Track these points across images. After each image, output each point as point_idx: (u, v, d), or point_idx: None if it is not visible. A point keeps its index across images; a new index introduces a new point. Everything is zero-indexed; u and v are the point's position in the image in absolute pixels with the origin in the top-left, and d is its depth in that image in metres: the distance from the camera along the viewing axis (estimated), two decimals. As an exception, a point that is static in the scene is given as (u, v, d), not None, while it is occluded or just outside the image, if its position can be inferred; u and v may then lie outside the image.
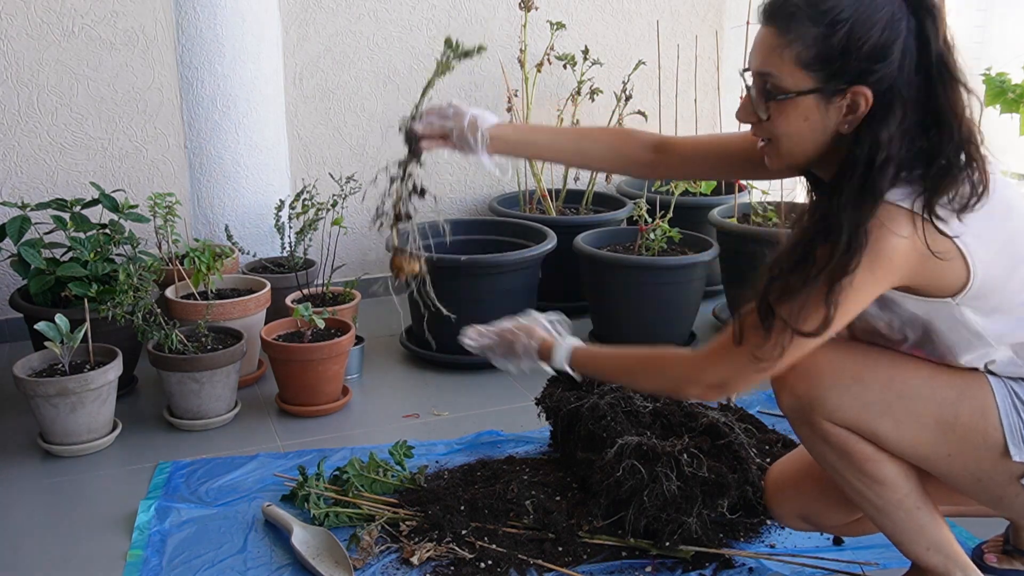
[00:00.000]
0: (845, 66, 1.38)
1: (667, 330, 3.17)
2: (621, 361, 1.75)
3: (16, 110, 3.27)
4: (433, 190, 1.97)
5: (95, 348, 2.59)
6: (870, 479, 1.61)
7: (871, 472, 1.60)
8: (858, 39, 1.36)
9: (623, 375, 1.78)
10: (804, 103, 1.42)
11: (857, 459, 1.60)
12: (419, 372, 3.11)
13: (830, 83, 1.40)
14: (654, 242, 3.19)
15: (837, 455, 1.61)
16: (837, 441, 1.59)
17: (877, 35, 1.36)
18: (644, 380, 1.74)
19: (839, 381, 1.56)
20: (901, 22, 1.37)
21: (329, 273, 3.19)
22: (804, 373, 1.56)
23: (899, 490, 1.61)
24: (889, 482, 1.61)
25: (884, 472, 1.60)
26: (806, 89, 1.41)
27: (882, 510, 1.65)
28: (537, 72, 3.74)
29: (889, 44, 1.36)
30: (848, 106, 1.41)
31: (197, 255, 2.88)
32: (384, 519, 2.09)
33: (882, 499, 1.63)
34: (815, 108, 1.42)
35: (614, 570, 1.97)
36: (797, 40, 1.40)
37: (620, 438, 2.09)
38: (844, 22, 1.36)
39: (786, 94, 1.43)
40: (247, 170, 3.27)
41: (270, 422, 2.74)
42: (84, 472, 2.45)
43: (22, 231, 2.81)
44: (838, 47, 1.38)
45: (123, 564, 2.03)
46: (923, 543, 1.67)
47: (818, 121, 1.43)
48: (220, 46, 3.14)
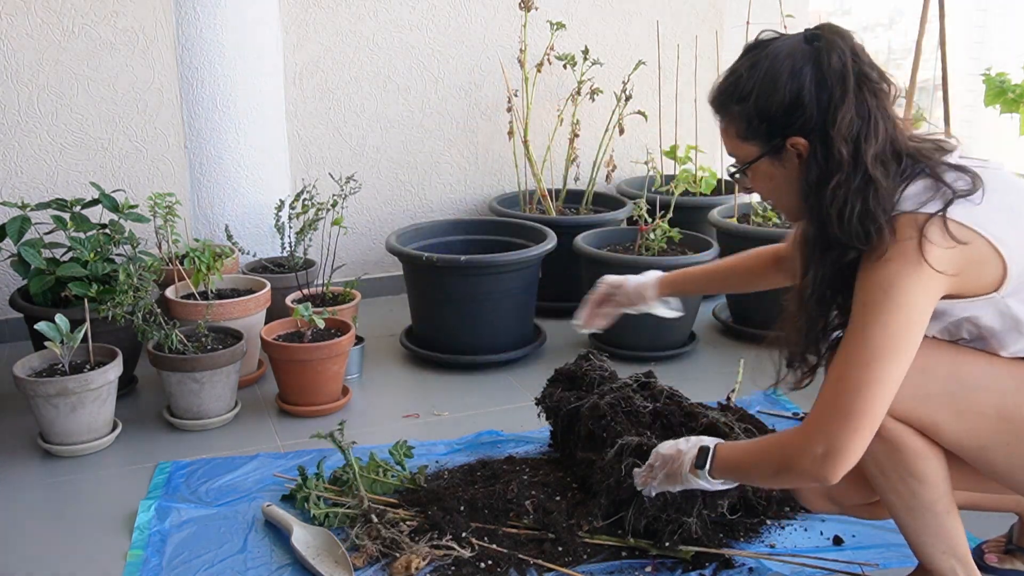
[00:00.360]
0: (771, 126, 1.55)
1: (667, 330, 3.17)
2: (749, 458, 1.70)
3: (16, 110, 3.28)
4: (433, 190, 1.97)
5: (95, 348, 2.59)
6: (912, 477, 1.61)
7: (917, 470, 1.60)
8: (768, 101, 1.53)
9: (750, 474, 1.73)
10: (761, 167, 1.60)
11: (907, 455, 1.59)
12: (419, 372, 3.11)
13: (769, 143, 1.57)
14: (654, 242, 3.19)
15: (886, 451, 1.60)
16: (891, 435, 1.58)
17: (783, 91, 1.51)
18: (769, 479, 1.74)
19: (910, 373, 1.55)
20: (803, 68, 1.51)
21: (329, 273, 3.19)
22: None
23: (936, 490, 1.62)
24: (930, 481, 1.61)
25: (929, 470, 1.60)
26: (755, 156, 1.60)
27: (913, 510, 1.65)
28: (537, 72, 3.74)
29: (797, 93, 1.51)
30: (796, 156, 1.55)
31: (197, 255, 2.88)
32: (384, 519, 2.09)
33: (916, 499, 1.63)
34: (772, 168, 1.59)
35: (614, 570, 1.98)
36: (731, 122, 1.61)
37: (620, 438, 2.09)
38: (751, 93, 1.54)
39: (744, 165, 1.63)
40: (247, 170, 3.27)
41: (270, 422, 2.74)
42: (84, 472, 2.45)
43: (22, 231, 2.81)
44: (756, 114, 1.55)
45: (123, 564, 2.03)
46: (941, 546, 1.67)
47: (782, 177, 1.59)
48: (220, 46, 3.14)
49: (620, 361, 3.04)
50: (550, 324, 3.40)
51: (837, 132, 1.49)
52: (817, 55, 1.51)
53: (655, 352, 3.15)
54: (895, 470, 1.62)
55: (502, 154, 3.93)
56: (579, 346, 3.22)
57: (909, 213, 1.48)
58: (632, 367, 3.00)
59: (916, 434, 1.59)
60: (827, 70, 1.49)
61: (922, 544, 1.69)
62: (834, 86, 1.49)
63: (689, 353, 3.22)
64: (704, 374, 3.06)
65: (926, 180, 1.51)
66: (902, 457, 1.60)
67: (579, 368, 2.48)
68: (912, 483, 1.62)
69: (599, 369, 2.47)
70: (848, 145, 1.49)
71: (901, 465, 1.61)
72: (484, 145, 3.95)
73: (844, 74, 1.49)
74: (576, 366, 2.49)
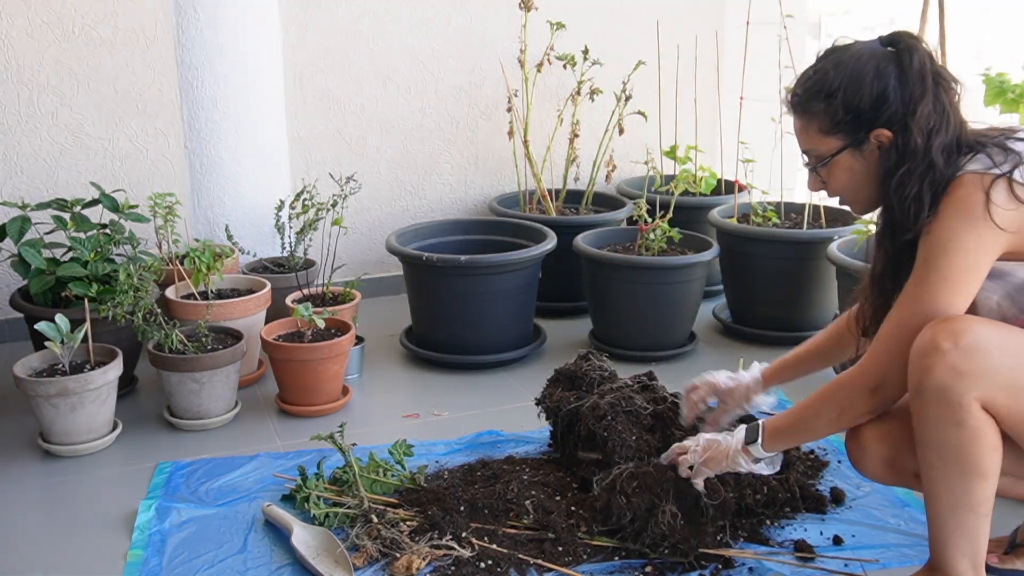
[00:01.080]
0: (857, 121, 1.69)
1: (667, 330, 3.18)
2: (801, 411, 1.81)
3: (16, 110, 3.28)
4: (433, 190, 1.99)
5: (95, 348, 2.59)
6: (975, 473, 1.60)
7: (983, 465, 1.60)
8: (855, 98, 1.68)
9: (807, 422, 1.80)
10: (842, 160, 1.73)
11: (981, 449, 1.58)
12: (419, 372, 3.11)
13: (853, 137, 1.71)
14: (654, 242, 3.19)
15: (963, 441, 1.59)
16: (974, 426, 1.58)
17: (869, 88, 1.67)
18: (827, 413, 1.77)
19: (1005, 361, 1.57)
20: (887, 67, 1.67)
21: (329, 273, 3.19)
22: (969, 350, 1.55)
23: (989, 490, 1.62)
24: (990, 479, 1.61)
25: (994, 468, 1.61)
26: (837, 150, 1.73)
27: (957, 508, 1.64)
28: (537, 72, 3.74)
29: (883, 90, 1.66)
30: (878, 147, 1.69)
31: (197, 255, 2.88)
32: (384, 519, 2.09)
33: (967, 496, 1.62)
34: (853, 160, 1.73)
35: (614, 570, 1.97)
36: (813, 118, 1.73)
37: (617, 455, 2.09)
38: (838, 90, 1.69)
39: (825, 159, 1.75)
40: (247, 170, 3.27)
41: (270, 422, 2.74)
42: (84, 472, 2.45)
43: (22, 231, 2.81)
44: (843, 110, 1.69)
45: (123, 564, 2.03)
46: (966, 549, 1.66)
47: (861, 169, 1.73)
48: (220, 46, 3.14)
49: (620, 361, 3.04)
50: (550, 324, 3.40)
51: (916, 124, 1.64)
52: (899, 56, 1.67)
53: (655, 352, 3.15)
54: (959, 463, 1.60)
55: (502, 154, 3.93)
56: (579, 346, 3.22)
57: (975, 172, 1.61)
58: (632, 367, 3.00)
59: (996, 428, 1.59)
60: (908, 69, 1.65)
61: (946, 543, 1.67)
62: (915, 84, 1.65)
63: (689, 353, 3.22)
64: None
65: (995, 149, 1.63)
66: (976, 450, 1.59)
67: (579, 368, 2.47)
68: (971, 479, 1.61)
69: (599, 369, 2.47)
70: (923, 136, 1.64)
71: (969, 459, 1.60)
72: (484, 145, 3.95)
73: (924, 73, 1.65)
74: (576, 366, 2.49)
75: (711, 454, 1.91)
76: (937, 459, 1.63)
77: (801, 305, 3.28)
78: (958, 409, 1.57)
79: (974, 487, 1.61)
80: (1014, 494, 1.81)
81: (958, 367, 1.56)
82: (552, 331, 3.34)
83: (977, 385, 1.56)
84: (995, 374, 1.56)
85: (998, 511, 1.70)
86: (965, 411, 1.57)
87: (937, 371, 1.57)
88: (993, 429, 1.59)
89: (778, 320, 3.29)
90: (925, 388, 1.60)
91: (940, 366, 1.57)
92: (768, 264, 3.27)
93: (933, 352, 1.57)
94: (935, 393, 1.58)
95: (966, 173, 1.62)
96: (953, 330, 1.57)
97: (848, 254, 2.97)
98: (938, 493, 1.65)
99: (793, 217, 3.50)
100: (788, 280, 3.25)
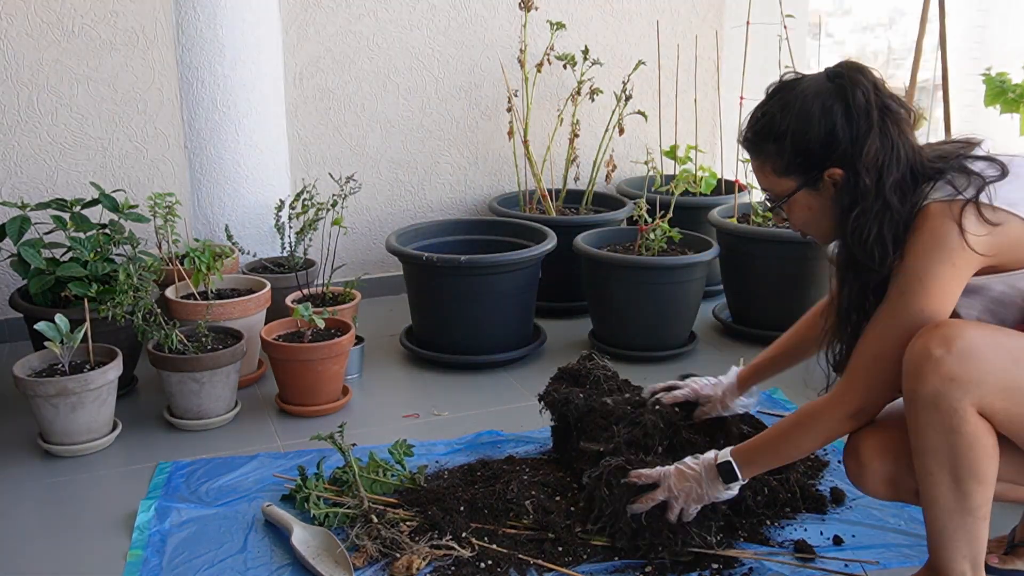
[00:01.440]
0: (808, 161, 1.68)
1: (667, 330, 3.18)
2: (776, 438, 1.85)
3: (16, 110, 3.28)
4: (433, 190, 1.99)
5: (95, 348, 2.59)
6: (973, 478, 1.59)
7: (981, 470, 1.59)
8: (803, 139, 1.67)
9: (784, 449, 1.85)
10: (800, 199, 1.74)
11: (978, 454, 1.58)
12: (419, 372, 3.11)
13: (806, 177, 1.70)
14: (654, 242, 3.19)
15: (959, 447, 1.58)
16: (969, 432, 1.57)
17: (817, 129, 1.65)
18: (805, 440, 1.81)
19: (999, 364, 1.56)
20: (833, 106, 1.65)
21: (329, 273, 3.19)
22: (963, 355, 1.55)
23: (987, 494, 1.61)
24: (987, 484, 1.60)
25: (991, 472, 1.60)
26: (792, 190, 1.73)
27: (955, 512, 1.63)
28: (537, 72, 3.74)
29: (831, 129, 1.65)
30: (833, 185, 1.68)
31: (197, 255, 2.88)
32: (384, 519, 2.09)
33: (966, 500, 1.61)
34: (810, 198, 1.73)
35: (614, 570, 1.97)
36: (766, 159, 1.74)
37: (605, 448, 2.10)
38: (786, 131, 1.68)
39: (782, 199, 1.75)
40: (247, 170, 3.27)
41: (270, 422, 2.74)
42: (84, 472, 2.45)
43: (22, 231, 2.81)
44: (793, 151, 1.68)
45: (123, 564, 2.03)
46: (966, 551, 1.66)
47: (819, 206, 1.73)
48: (220, 46, 3.14)
49: (620, 361, 3.04)
50: (550, 324, 3.40)
51: (863, 164, 1.63)
52: (843, 92, 1.65)
53: (655, 352, 3.15)
54: (956, 469, 1.60)
55: (502, 154, 3.93)
56: (579, 346, 3.22)
57: (942, 201, 1.60)
58: (632, 367, 3.01)
59: (992, 432, 1.59)
60: (853, 105, 1.64)
61: (945, 547, 1.67)
62: (860, 120, 1.63)
63: (689, 353, 3.22)
64: (704, 374, 3.04)
65: (956, 175, 1.62)
66: (973, 456, 1.58)
67: (582, 367, 2.48)
68: (968, 484, 1.60)
69: (602, 368, 2.48)
70: (873, 174, 1.63)
71: (966, 464, 1.59)
72: (484, 145, 3.95)
73: (868, 109, 1.63)
74: (580, 365, 2.49)
75: (687, 495, 1.92)
76: (934, 465, 1.62)
77: (801, 305, 3.25)
78: (953, 415, 1.57)
79: (972, 492, 1.61)
80: (1013, 499, 1.81)
81: (952, 373, 1.55)
82: (552, 331, 3.34)
83: (972, 391, 1.55)
84: (989, 377, 1.55)
85: (997, 511, 1.70)
86: (961, 417, 1.56)
87: (931, 379, 1.56)
88: (989, 434, 1.58)
89: (778, 320, 3.26)
90: (919, 396, 1.59)
91: (934, 374, 1.56)
92: (768, 264, 3.27)
93: (926, 360, 1.56)
94: (930, 401, 1.57)
95: (932, 203, 1.61)
96: (945, 336, 1.56)
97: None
98: (936, 498, 1.65)
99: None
100: (788, 280, 3.25)
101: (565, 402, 2.34)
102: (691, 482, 1.91)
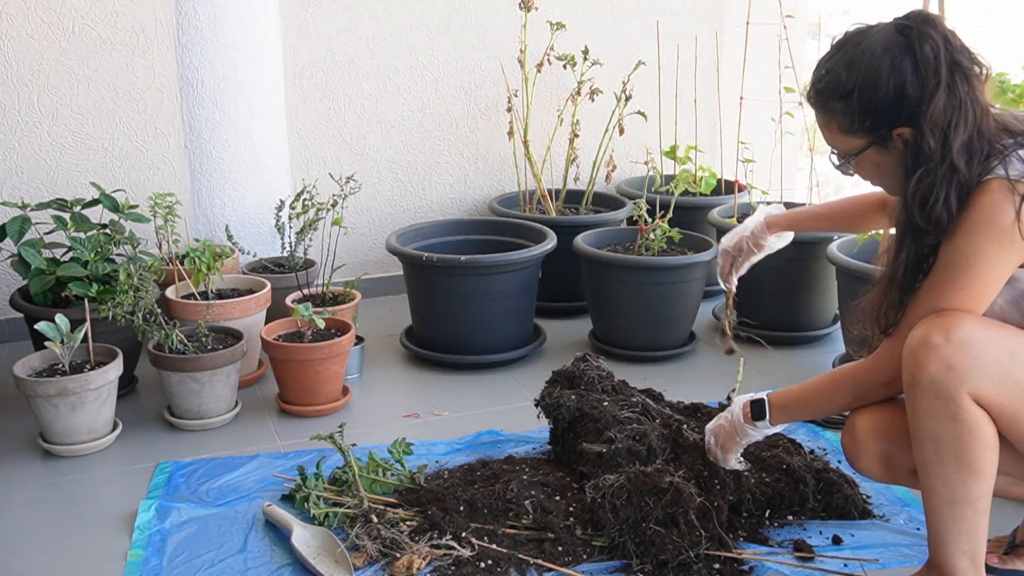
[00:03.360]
0: (877, 119, 1.62)
1: (667, 330, 3.17)
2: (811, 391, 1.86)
3: (16, 110, 3.28)
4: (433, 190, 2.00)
5: (95, 348, 2.59)
6: (970, 468, 1.60)
7: (978, 460, 1.59)
8: (872, 98, 1.60)
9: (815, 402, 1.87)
10: (868, 157, 1.69)
11: (976, 443, 1.58)
12: (419, 372, 3.12)
13: (875, 135, 1.64)
14: (654, 242, 3.19)
15: (956, 436, 1.59)
16: (968, 419, 1.57)
17: (886, 85, 1.59)
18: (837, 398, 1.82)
19: (995, 357, 1.57)
20: (903, 61, 1.58)
21: (329, 273, 3.19)
22: (961, 345, 1.56)
23: (985, 486, 1.61)
24: (985, 476, 1.60)
25: (989, 464, 1.60)
26: (860, 148, 1.68)
27: (954, 503, 1.63)
28: (537, 72, 3.74)
29: (900, 87, 1.58)
30: (903, 143, 1.63)
31: (197, 255, 2.88)
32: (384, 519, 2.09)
33: (964, 491, 1.62)
34: (879, 156, 1.67)
35: (614, 570, 1.98)
36: (832, 116, 1.68)
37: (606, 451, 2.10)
38: (853, 90, 1.62)
39: (850, 156, 1.70)
40: (247, 170, 3.27)
41: (270, 422, 2.74)
42: (84, 472, 2.45)
43: (22, 231, 2.81)
44: (861, 108, 1.62)
45: (123, 564, 2.03)
46: (965, 545, 1.66)
47: (888, 163, 1.68)
48: (220, 46, 3.14)
49: (620, 361, 3.05)
50: (550, 324, 3.40)
51: (928, 123, 1.57)
52: (911, 45, 1.58)
53: (655, 352, 3.15)
54: (955, 457, 1.60)
55: (502, 154, 3.93)
56: (579, 346, 3.22)
57: (1003, 179, 1.55)
58: (632, 367, 3.01)
59: (991, 423, 1.59)
60: (922, 60, 1.57)
61: (945, 540, 1.67)
62: (928, 76, 1.57)
63: (689, 353, 3.22)
64: (704, 374, 3.06)
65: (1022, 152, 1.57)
66: (971, 444, 1.59)
67: (577, 368, 2.49)
68: (967, 474, 1.60)
69: (597, 369, 2.48)
70: (938, 135, 1.57)
71: (964, 453, 1.59)
72: (484, 145, 3.95)
73: (937, 64, 1.57)
74: (574, 367, 2.50)
75: (722, 439, 2.01)
76: (933, 454, 1.62)
77: (801, 305, 3.28)
78: (951, 403, 1.57)
79: (970, 482, 1.61)
80: (1013, 494, 1.81)
81: (950, 361, 1.56)
82: (552, 331, 3.34)
83: (968, 380, 1.56)
84: (986, 369, 1.56)
85: (998, 511, 1.70)
86: (958, 405, 1.57)
87: (929, 365, 1.58)
88: (988, 424, 1.59)
89: (778, 320, 3.29)
90: (918, 382, 1.60)
91: (932, 360, 1.57)
92: (768, 264, 3.23)
93: (925, 346, 1.58)
94: (928, 387, 1.59)
95: (994, 178, 1.56)
96: (945, 325, 1.57)
97: (848, 254, 2.97)
98: (935, 488, 1.65)
99: None
100: (788, 280, 3.24)
101: (556, 406, 2.35)
102: (723, 421, 1.99)
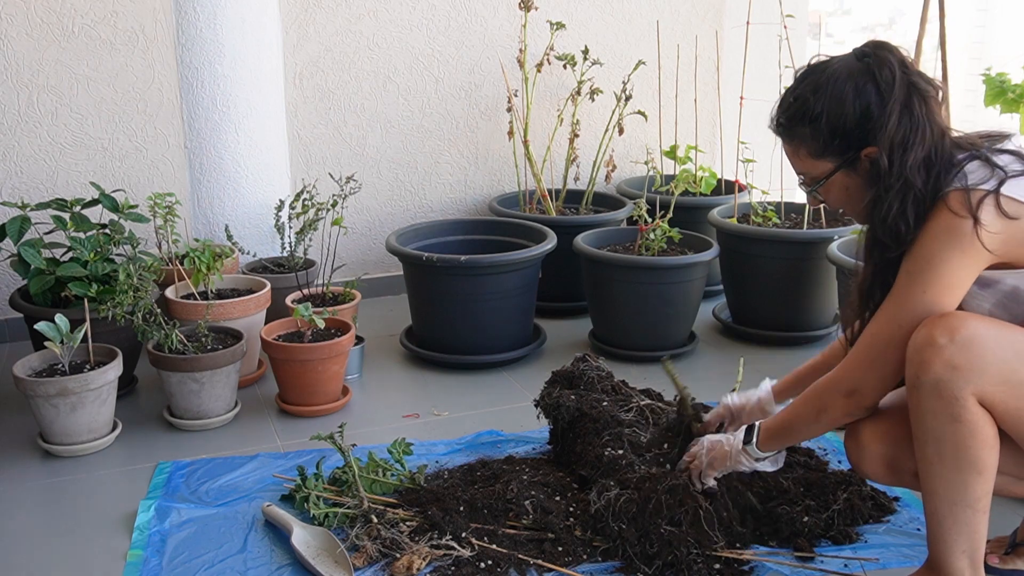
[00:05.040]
0: (844, 142, 1.68)
1: (667, 330, 3.17)
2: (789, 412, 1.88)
3: (16, 110, 3.28)
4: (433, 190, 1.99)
5: (95, 348, 2.59)
6: (972, 468, 1.60)
7: (980, 460, 1.60)
8: (839, 120, 1.67)
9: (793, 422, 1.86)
10: (836, 180, 1.74)
11: (977, 443, 1.59)
12: (419, 372, 3.11)
13: (843, 158, 1.70)
14: (654, 242, 3.19)
15: (959, 436, 1.59)
16: (970, 420, 1.58)
17: (852, 106, 1.66)
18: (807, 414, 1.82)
19: (1000, 356, 1.57)
20: (866, 84, 1.65)
21: (329, 273, 3.19)
22: (965, 345, 1.56)
23: (986, 486, 1.62)
24: (986, 475, 1.61)
25: (991, 463, 1.61)
26: (829, 172, 1.73)
27: (955, 504, 1.64)
28: (537, 72, 3.74)
29: (866, 108, 1.65)
30: (871, 164, 1.67)
31: (197, 255, 2.88)
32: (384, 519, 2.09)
33: (965, 491, 1.62)
34: (847, 179, 1.73)
35: (614, 569, 1.98)
36: (801, 143, 1.74)
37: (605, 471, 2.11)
38: (820, 114, 1.68)
39: (819, 181, 1.75)
40: (247, 170, 3.27)
41: (270, 422, 2.74)
42: (84, 472, 2.45)
43: (22, 231, 2.81)
44: (829, 131, 1.68)
45: (123, 564, 2.03)
46: (964, 545, 1.66)
47: (856, 185, 1.72)
48: (220, 46, 3.14)
49: (620, 361, 3.05)
50: (550, 324, 3.40)
51: (886, 140, 1.63)
52: (871, 70, 1.65)
53: (655, 352, 3.14)
54: (956, 458, 1.61)
55: (502, 154, 3.94)
56: (579, 346, 3.22)
57: (961, 190, 1.59)
58: (632, 367, 3.01)
59: (993, 423, 1.59)
60: (882, 83, 1.64)
61: (944, 540, 1.67)
62: (888, 97, 1.63)
63: (689, 353, 3.22)
64: (704, 374, 3.06)
65: (979, 162, 1.62)
66: (972, 445, 1.59)
67: (576, 369, 2.49)
68: (968, 475, 1.61)
69: (596, 369, 2.48)
70: (897, 152, 1.63)
71: (966, 454, 1.60)
72: (484, 145, 3.95)
73: (895, 86, 1.63)
74: (574, 367, 2.50)
75: (715, 454, 1.98)
76: (934, 454, 1.63)
77: (801, 305, 3.28)
78: (954, 403, 1.58)
79: (971, 483, 1.61)
80: (1013, 493, 1.82)
81: (954, 361, 1.56)
82: (552, 331, 3.34)
83: (972, 379, 1.56)
84: (990, 368, 1.57)
85: (998, 511, 1.70)
86: (961, 406, 1.58)
87: (933, 365, 1.58)
88: (990, 424, 1.59)
89: (778, 320, 3.29)
90: (922, 382, 1.60)
91: (936, 360, 1.58)
92: (768, 264, 3.27)
93: (929, 347, 1.58)
94: (931, 387, 1.59)
95: (952, 190, 1.60)
96: (949, 325, 1.57)
97: (848, 254, 2.97)
98: (936, 489, 1.65)
99: (793, 217, 3.50)
100: (788, 280, 3.25)
101: (556, 407, 2.35)
102: (721, 448, 1.98)
